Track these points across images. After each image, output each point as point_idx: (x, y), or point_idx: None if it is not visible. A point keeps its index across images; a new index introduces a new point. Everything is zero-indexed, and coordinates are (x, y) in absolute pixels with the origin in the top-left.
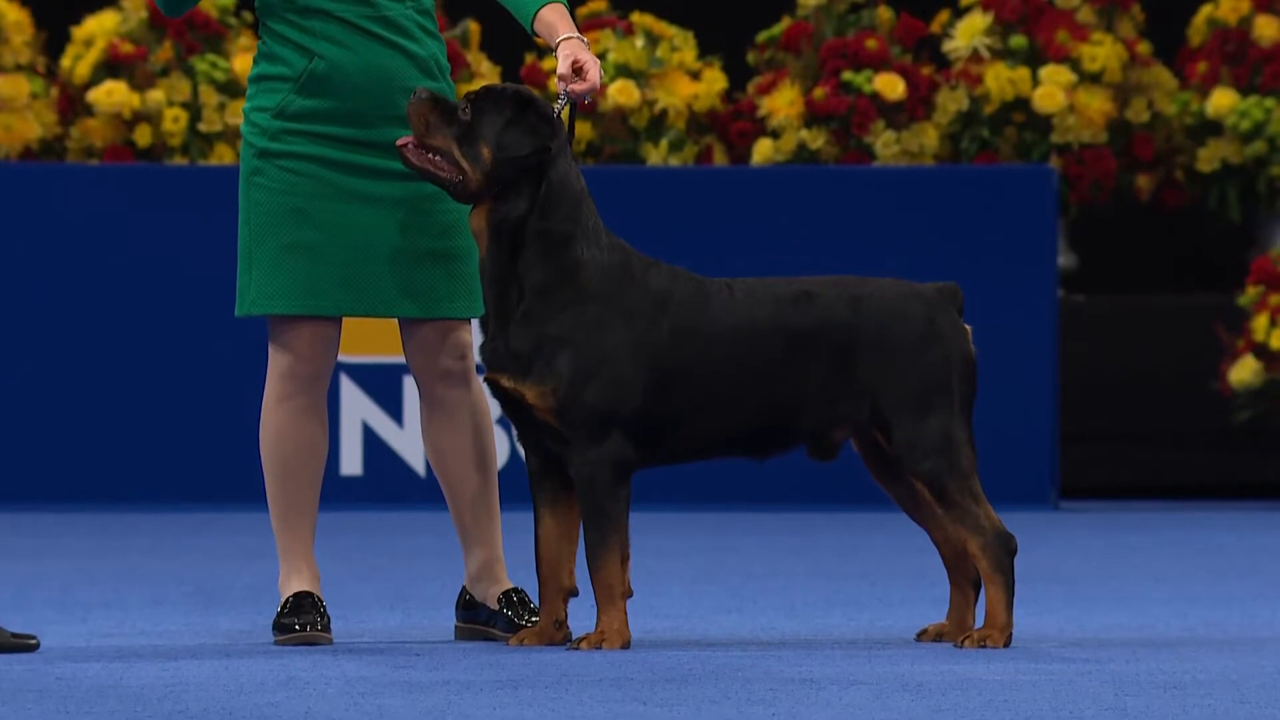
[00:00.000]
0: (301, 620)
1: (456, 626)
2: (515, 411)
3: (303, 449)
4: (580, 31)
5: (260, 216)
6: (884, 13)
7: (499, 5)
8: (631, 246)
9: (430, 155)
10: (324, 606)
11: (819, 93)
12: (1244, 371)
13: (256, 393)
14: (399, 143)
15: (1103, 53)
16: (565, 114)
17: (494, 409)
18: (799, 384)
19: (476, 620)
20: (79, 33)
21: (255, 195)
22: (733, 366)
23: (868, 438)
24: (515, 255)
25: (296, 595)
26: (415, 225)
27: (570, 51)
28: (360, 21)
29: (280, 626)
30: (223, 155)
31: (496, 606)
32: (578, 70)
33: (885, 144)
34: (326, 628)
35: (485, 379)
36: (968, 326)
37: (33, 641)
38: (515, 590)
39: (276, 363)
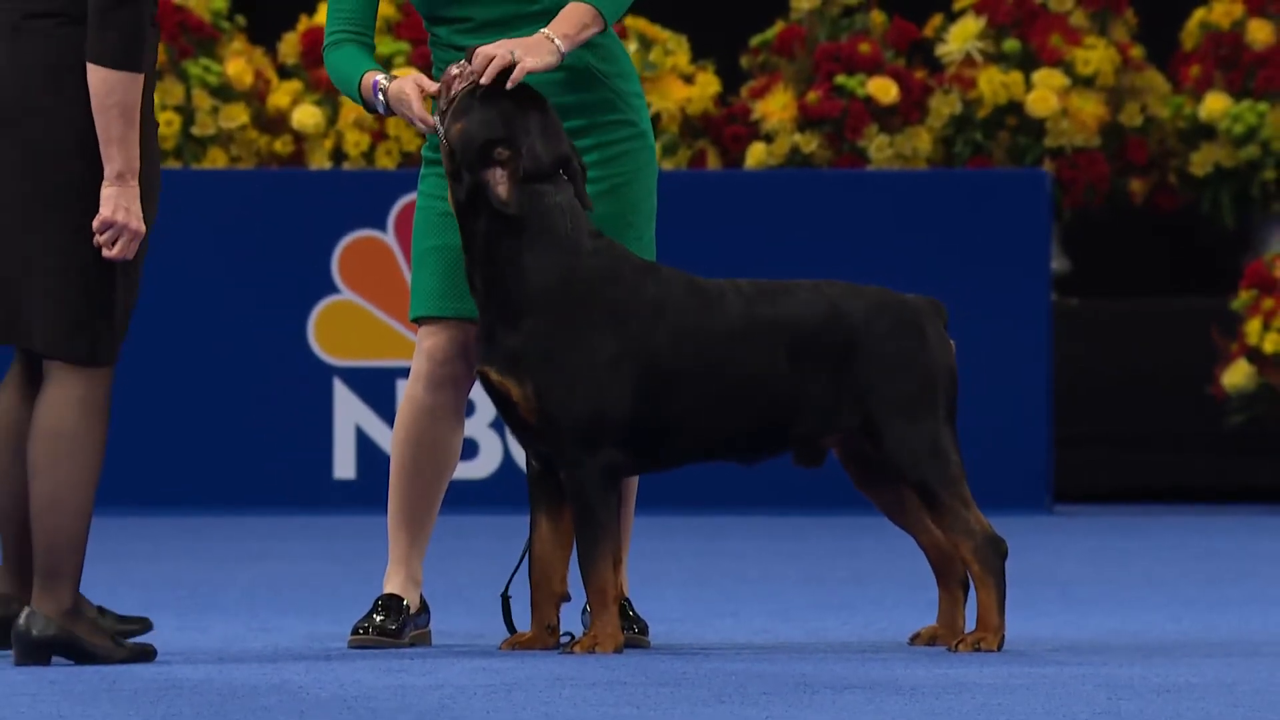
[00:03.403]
0: (365, 623)
1: None
2: (504, 409)
3: (427, 450)
4: (578, 27)
5: (419, 220)
6: (877, 17)
7: None
8: (627, 250)
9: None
10: (409, 610)
11: (812, 96)
12: (1237, 375)
13: (250, 398)
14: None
15: (1096, 56)
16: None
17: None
18: (795, 388)
19: None
20: None
21: (419, 201)
22: (728, 370)
23: (854, 444)
24: (489, 245)
25: (381, 598)
26: None
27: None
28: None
29: (352, 628)
30: (216, 159)
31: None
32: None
33: (879, 148)
34: (398, 633)
35: (476, 371)
36: (952, 342)
37: (147, 622)
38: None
39: (416, 362)
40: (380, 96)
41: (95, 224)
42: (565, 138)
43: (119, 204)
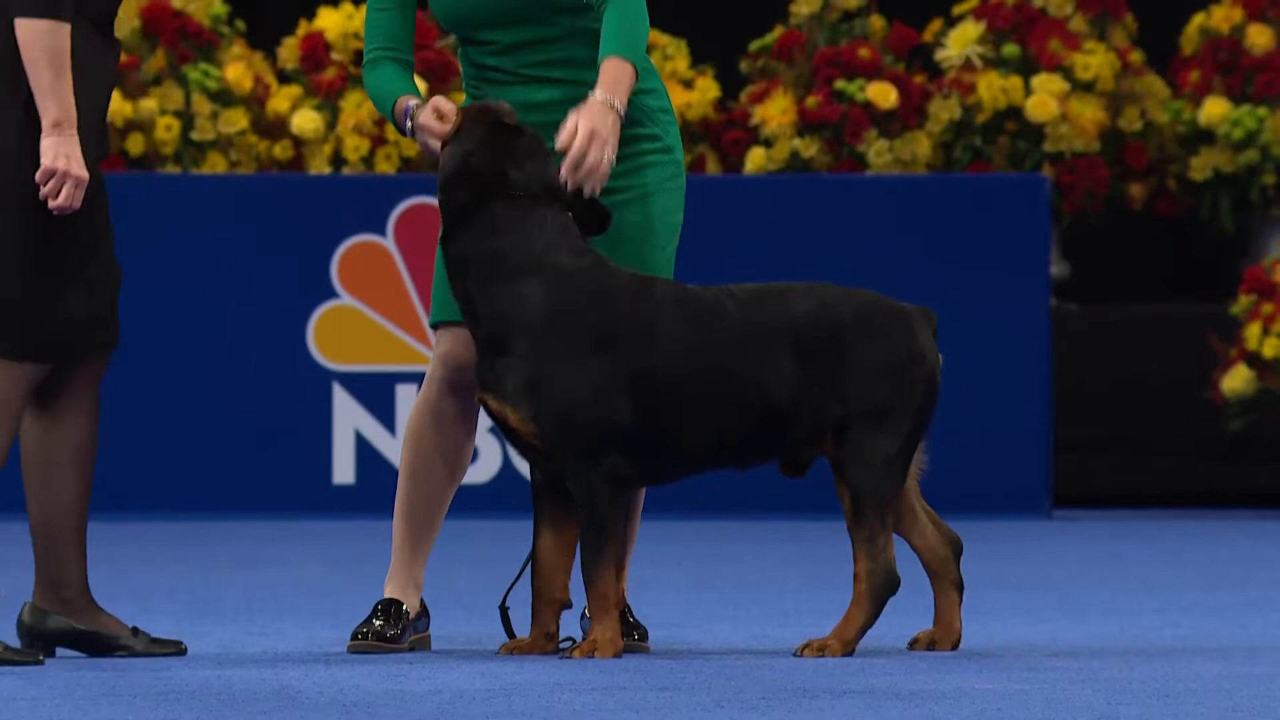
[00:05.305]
0: (364, 628)
1: None
2: (508, 433)
3: (436, 454)
4: (627, 85)
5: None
6: (876, 21)
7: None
8: (616, 265)
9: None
10: (409, 615)
11: (812, 101)
12: (1236, 380)
13: (249, 403)
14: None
15: (1095, 61)
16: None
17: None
18: (790, 392)
19: None
20: None
21: None
22: (725, 377)
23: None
24: (474, 270)
25: (381, 602)
26: None
27: (574, 122)
28: (521, 70)
29: (351, 633)
30: (215, 164)
31: None
32: (577, 156)
33: (878, 153)
34: (397, 638)
35: (477, 399)
36: (940, 355)
37: (181, 646)
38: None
39: (430, 367)
40: (409, 123)
41: (38, 176)
42: (554, 167)
43: (59, 151)
